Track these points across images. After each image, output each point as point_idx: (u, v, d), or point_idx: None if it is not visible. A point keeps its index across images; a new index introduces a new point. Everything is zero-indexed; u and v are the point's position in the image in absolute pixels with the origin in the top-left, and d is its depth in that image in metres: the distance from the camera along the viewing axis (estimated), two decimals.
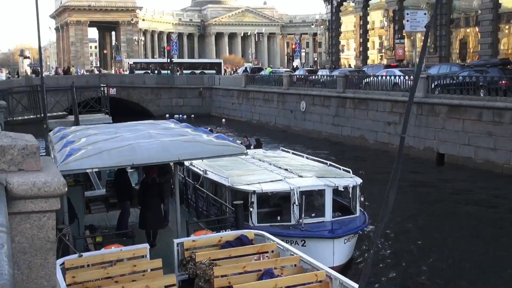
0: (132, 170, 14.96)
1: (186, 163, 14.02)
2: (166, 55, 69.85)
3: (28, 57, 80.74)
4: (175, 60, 74.90)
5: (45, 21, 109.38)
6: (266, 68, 58.64)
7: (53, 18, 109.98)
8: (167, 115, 44.38)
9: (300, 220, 12.01)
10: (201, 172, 14.28)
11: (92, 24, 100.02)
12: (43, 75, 24.89)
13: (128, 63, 70.21)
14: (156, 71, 61.74)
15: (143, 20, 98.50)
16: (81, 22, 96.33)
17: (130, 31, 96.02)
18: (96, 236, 10.87)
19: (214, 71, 63.94)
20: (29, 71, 60.06)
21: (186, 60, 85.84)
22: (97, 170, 13.10)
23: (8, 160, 2.86)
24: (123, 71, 67.31)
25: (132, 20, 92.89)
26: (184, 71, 63.02)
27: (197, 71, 64.00)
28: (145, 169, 11.85)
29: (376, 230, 4.93)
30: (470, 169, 23.21)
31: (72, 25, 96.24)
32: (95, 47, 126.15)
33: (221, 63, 71.47)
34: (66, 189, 2.87)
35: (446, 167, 24.57)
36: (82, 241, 10.49)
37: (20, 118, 21.49)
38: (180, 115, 48.05)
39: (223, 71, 66.58)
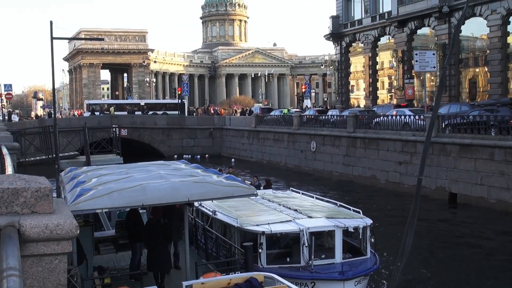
0: (143, 211, 14.94)
1: (196, 203, 13.98)
2: (177, 96, 70.45)
3: (42, 99, 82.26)
4: (136, 100, 75.67)
5: (58, 64, 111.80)
6: (282, 110, 58.73)
7: (66, 61, 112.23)
8: (176, 156, 44.64)
9: (310, 262, 11.84)
10: (210, 213, 14.21)
11: (105, 66, 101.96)
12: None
13: (87, 104, 71.16)
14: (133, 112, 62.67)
15: (155, 61, 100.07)
16: (94, 64, 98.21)
17: (142, 73, 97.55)
18: (104, 278, 10.77)
19: (177, 112, 63.52)
20: (40, 112, 61.16)
21: (147, 100, 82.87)
22: (107, 210, 13.08)
23: (22, 203, 2.89)
24: (83, 113, 67.53)
25: (144, 62, 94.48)
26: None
27: (160, 112, 63.44)
28: (152, 209, 11.81)
29: (394, 273, 4.87)
30: (483, 209, 22.93)
31: (85, 67, 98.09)
32: (107, 89, 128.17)
33: (184, 103, 70.01)
34: (78, 231, 2.88)
35: (459, 207, 24.31)
36: (90, 282, 10.39)
37: (32, 158, 21.66)
38: (195, 156, 48.54)
39: (186, 112, 65.73)
